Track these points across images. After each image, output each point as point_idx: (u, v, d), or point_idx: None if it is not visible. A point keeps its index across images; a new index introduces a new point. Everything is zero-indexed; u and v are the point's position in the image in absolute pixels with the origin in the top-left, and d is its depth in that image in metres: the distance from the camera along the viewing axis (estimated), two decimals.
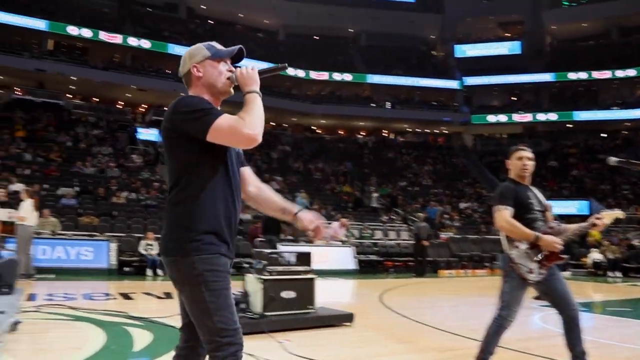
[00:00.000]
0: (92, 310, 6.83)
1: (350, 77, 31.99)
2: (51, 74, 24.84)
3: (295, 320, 5.87)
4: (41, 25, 25.54)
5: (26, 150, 18.99)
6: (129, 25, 28.86)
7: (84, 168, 18.80)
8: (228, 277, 2.13)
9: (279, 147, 27.66)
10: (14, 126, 20.89)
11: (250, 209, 17.91)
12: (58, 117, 23.60)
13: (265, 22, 34.76)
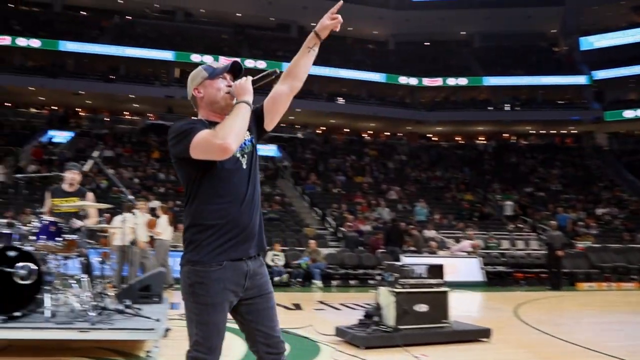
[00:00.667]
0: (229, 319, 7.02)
1: (466, 80, 30.88)
2: (178, 99, 26.72)
3: (429, 335, 5.69)
4: (168, 56, 27.70)
5: (160, 170, 20.51)
6: (246, 49, 30.32)
7: None
8: (221, 293, 2.21)
9: (395, 156, 27.36)
10: (150, 149, 22.69)
11: (369, 220, 17.87)
12: None
13: (375, 33, 34.78)
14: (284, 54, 30.12)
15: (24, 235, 5.05)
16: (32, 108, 28.64)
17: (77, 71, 27.45)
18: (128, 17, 32.24)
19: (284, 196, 20.15)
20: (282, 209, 18.46)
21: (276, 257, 12.79)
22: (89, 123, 27.48)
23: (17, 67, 26.79)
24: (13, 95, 27.07)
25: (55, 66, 27.37)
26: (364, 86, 30.72)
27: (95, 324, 4.58)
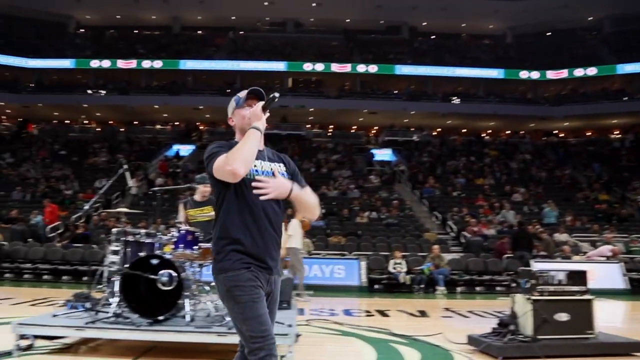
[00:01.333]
0: (355, 325, 6.93)
1: (595, 70, 28.33)
2: (292, 108, 27.37)
3: (572, 346, 5.25)
4: (281, 66, 28.55)
5: None
6: (357, 54, 30.41)
7: (328, 191, 20.02)
8: (255, 290, 2.43)
9: (518, 156, 25.81)
10: None
11: (493, 224, 16.95)
12: (301, 146, 25.85)
13: (490, 27, 33.24)
14: (396, 56, 29.84)
15: (162, 244, 5.30)
16: (158, 125, 30.86)
17: (196, 87, 29.20)
18: (241, 32, 33.73)
19: (402, 201, 19.77)
20: (400, 214, 18.11)
21: (398, 264, 12.49)
22: (209, 136, 29.00)
23: (143, 88, 29.06)
24: (141, 114, 29.41)
25: (176, 84, 29.34)
26: (481, 84, 29.44)
27: (232, 329, 4.65)
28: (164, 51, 30.25)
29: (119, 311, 4.85)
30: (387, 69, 28.46)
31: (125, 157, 24.02)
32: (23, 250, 13.40)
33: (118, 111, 29.00)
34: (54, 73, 29.77)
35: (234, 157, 2.36)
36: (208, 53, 30.26)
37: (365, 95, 28.83)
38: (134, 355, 4.69)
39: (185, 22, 34.04)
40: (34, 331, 4.72)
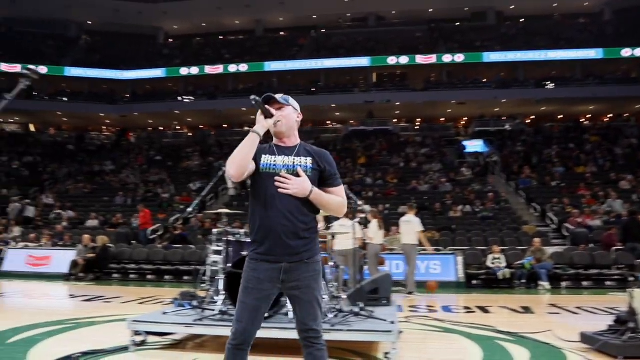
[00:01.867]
0: (456, 322, 6.70)
1: None
2: (378, 103, 27.12)
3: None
4: (365, 62, 28.35)
5: (367, 175, 20.94)
6: (442, 44, 29.59)
7: (419, 186, 19.64)
8: (250, 278, 2.66)
9: (623, 141, 23.94)
10: (355, 155, 23.37)
11: (598, 214, 15.83)
12: (389, 141, 25.55)
13: (585, 5, 31.15)
14: (483, 43, 28.72)
15: None
16: (246, 127, 31.68)
17: (281, 88, 29.65)
18: (323, 31, 33.92)
19: (497, 193, 18.98)
20: (496, 207, 17.39)
21: (496, 259, 11.96)
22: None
23: (231, 92, 29.99)
24: (229, 117, 30.36)
25: (262, 86, 29.99)
26: (578, 66, 27.57)
27: (335, 326, 4.67)
28: (248, 54, 31.07)
29: (225, 309, 4.96)
30: (475, 57, 27.45)
31: (216, 160, 24.94)
32: (128, 252, 14.23)
33: (208, 115, 30.18)
34: (147, 83, 31.51)
35: (229, 161, 2.62)
36: (291, 53, 30.71)
37: (452, 85, 28.01)
38: None
39: (268, 25, 34.79)
40: (146, 328, 4.94)
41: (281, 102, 2.81)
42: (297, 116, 2.87)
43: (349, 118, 29.71)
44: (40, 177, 24.48)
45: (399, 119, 30.23)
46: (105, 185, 23.27)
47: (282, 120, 2.75)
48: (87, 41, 34.66)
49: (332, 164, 2.78)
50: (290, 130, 2.80)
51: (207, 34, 35.51)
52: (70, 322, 6.42)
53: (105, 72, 30.41)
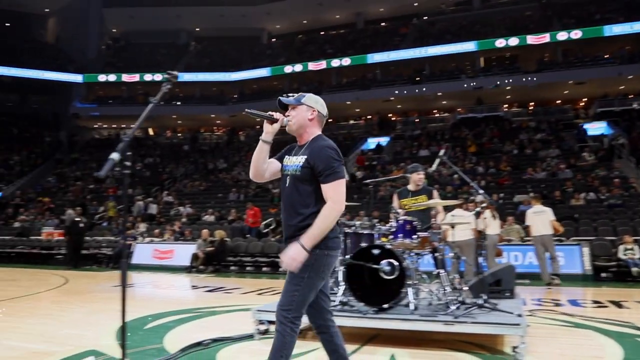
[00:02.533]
0: (588, 317, 6.25)
1: None
2: (487, 89, 26.01)
3: None
4: (471, 46, 27.32)
5: (478, 163, 20.18)
6: (555, 21, 27.73)
7: (535, 173, 18.59)
8: None
9: None
10: (465, 143, 22.62)
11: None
12: (500, 128, 24.44)
13: None
14: (603, 16, 26.47)
15: (381, 234, 5.36)
16: (351, 120, 31.83)
17: (385, 79, 29.43)
18: (425, 18, 33.14)
19: (625, 179, 17.46)
20: (624, 194, 15.99)
21: (629, 250, 10.98)
22: (402, 126, 29.06)
23: (334, 86, 30.23)
24: (333, 111, 30.42)
25: (365, 78, 29.95)
26: None
27: (459, 317, 4.56)
28: (351, 48, 31.18)
29: (345, 299, 5.00)
30: (594, 32, 25.38)
31: None
32: (244, 246, 14.86)
33: None
34: (254, 83, 32.72)
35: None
36: (394, 44, 30.35)
37: (569, 65, 26.13)
38: (355, 342, 4.79)
39: (368, 17, 34.66)
40: (270, 317, 5.10)
41: (292, 103, 2.91)
42: (310, 113, 2.89)
43: (456, 106, 28.82)
44: (160, 177, 26.32)
45: (510, 103, 28.77)
46: (219, 182, 24.50)
47: (292, 120, 2.88)
48: (196, 47, 36.70)
49: (324, 161, 2.74)
50: (301, 129, 2.90)
51: (308, 31, 36.15)
52: (197, 311, 6.82)
53: (215, 75, 32.06)
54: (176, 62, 34.13)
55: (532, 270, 11.06)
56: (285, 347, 2.73)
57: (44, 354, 4.36)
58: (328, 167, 2.72)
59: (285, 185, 2.87)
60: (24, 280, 11.77)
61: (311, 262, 2.71)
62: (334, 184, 2.71)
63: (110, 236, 17.91)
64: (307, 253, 2.65)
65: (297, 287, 2.72)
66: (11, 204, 24.36)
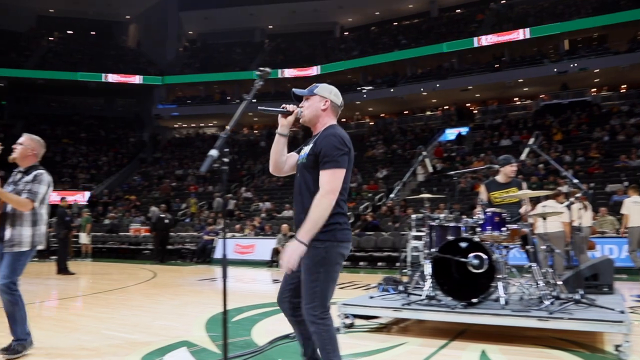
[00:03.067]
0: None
1: None
2: (572, 73, 24.61)
3: None
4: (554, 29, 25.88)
5: (565, 152, 19.17)
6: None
7: (630, 161, 17.38)
8: None
9: None
10: (550, 131, 21.54)
11: None
12: (588, 114, 23.06)
13: None
14: None
15: (470, 227, 5.21)
16: (427, 111, 31.17)
17: (462, 68, 28.55)
18: (503, 2, 31.81)
19: None
20: None
21: None
22: (481, 115, 28.11)
23: (410, 77, 29.70)
24: (410, 102, 30.09)
25: (441, 68, 29.21)
26: None
27: (554, 313, 4.33)
28: (424, 37, 30.53)
29: (432, 294, 4.88)
30: None
31: (400, 147, 24.99)
32: None
33: (388, 103, 30.34)
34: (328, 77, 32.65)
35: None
36: (470, 31, 29.37)
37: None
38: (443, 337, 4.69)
39: (442, 4, 33.83)
40: (355, 311, 5.09)
41: (305, 93, 2.90)
42: (323, 103, 2.86)
43: (539, 92, 27.46)
44: (239, 174, 27.01)
45: (599, 87, 27.02)
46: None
47: (304, 110, 2.87)
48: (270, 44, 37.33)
49: (326, 147, 2.68)
50: (314, 119, 2.87)
51: (381, 22, 35.77)
52: None
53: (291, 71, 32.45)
54: (251, 60, 34.89)
55: (629, 264, 10.36)
56: (328, 342, 2.70)
57: (142, 343, 4.56)
58: (328, 155, 2.66)
59: (297, 176, 2.88)
60: (116, 274, 12.47)
61: (322, 255, 2.67)
62: (330, 172, 2.64)
63: (193, 232, 18.63)
64: (305, 246, 2.59)
65: (316, 282, 2.68)
66: (100, 202, 25.91)
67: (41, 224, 4.16)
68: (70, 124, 34.44)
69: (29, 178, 4.09)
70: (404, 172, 21.57)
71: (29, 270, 13.16)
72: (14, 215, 4.05)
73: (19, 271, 4.03)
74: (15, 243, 4.00)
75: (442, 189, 16.82)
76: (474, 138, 24.39)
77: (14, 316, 4.02)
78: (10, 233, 4.02)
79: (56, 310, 6.91)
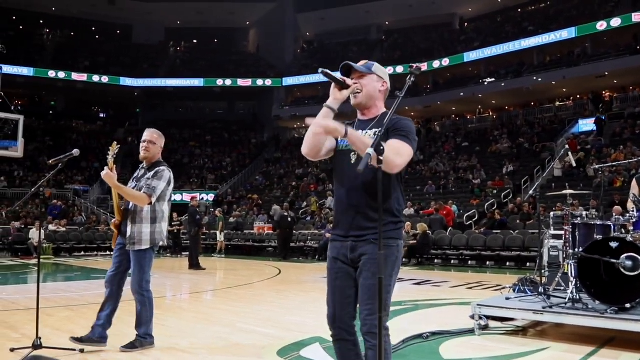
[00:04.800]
0: None
1: None
2: None
3: None
4: None
5: None
6: None
7: None
8: (331, 262, 2.50)
9: None
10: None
11: None
12: None
13: None
14: None
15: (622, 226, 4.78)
16: (557, 101, 29.06)
17: (596, 53, 26.22)
18: None
19: None
20: None
21: None
22: (619, 104, 25.65)
23: (537, 66, 27.88)
24: (537, 93, 28.22)
25: (572, 54, 27.08)
26: None
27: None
28: (554, 22, 28.49)
29: (577, 297, 4.52)
30: None
31: (527, 140, 23.62)
32: (447, 238, 14.59)
33: (513, 95, 28.72)
34: (447, 71, 31.74)
35: (304, 139, 2.50)
36: (606, 11, 26.88)
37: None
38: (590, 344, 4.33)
39: None
40: (491, 312, 4.85)
41: (361, 70, 2.49)
42: (381, 85, 2.54)
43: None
44: None
45: None
46: (417, 174, 24.36)
47: (361, 89, 2.47)
48: (387, 41, 37.06)
49: (400, 125, 2.38)
50: (370, 101, 2.52)
51: (504, 10, 33.98)
52: (410, 303, 6.82)
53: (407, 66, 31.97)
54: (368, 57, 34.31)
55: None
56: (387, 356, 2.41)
57: (276, 338, 4.71)
58: (403, 130, 2.37)
59: (350, 163, 2.44)
60: (243, 270, 13.11)
61: (396, 255, 2.44)
62: (399, 142, 2.32)
63: (314, 230, 19.04)
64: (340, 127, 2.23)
65: (388, 288, 2.39)
66: (225, 201, 27.36)
67: (161, 222, 4.17)
68: (196, 128, 36.94)
69: (151, 174, 4.13)
70: (531, 167, 20.38)
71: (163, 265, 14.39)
72: (134, 212, 4.08)
73: (146, 269, 4.09)
74: (135, 241, 4.05)
75: (577, 184, 15.61)
76: (612, 128, 22.36)
77: (140, 317, 4.12)
78: (130, 230, 4.06)
79: (193, 303, 7.37)
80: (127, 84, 34.71)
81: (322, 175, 27.15)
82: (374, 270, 2.28)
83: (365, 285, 2.35)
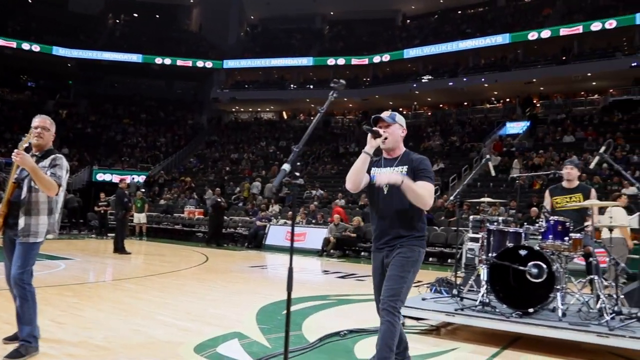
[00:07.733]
0: None
1: None
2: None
3: None
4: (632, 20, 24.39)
5: (632, 151, 18.26)
6: None
7: None
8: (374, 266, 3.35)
9: None
10: (617, 128, 20.53)
11: None
12: None
13: None
14: None
15: (530, 234, 5.08)
16: (487, 104, 30.26)
17: (526, 60, 27.52)
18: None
19: None
20: None
21: None
22: (544, 110, 27.06)
23: (471, 68, 28.91)
24: (470, 94, 29.29)
25: (504, 59, 28.23)
26: None
27: (614, 330, 4.16)
28: (490, 27, 29.60)
29: (486, 300, 4.80)
30: None
31: (458, 139, 24.46)
32: None
33: (448, 94, 29.67)
34: (387, 66, 32.28)
35: (347, 177, 3.27)
36: (538, 21, 28.21)
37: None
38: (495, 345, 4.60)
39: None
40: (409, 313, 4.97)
41: (388, 121, 3.24)
42: (402, 131, 3.29)
43: (607, 87, 26.11)
44: None
45: None
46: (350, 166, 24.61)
47: (388, 137, 3.19)
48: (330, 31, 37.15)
49: (423, 165, 3.17)
50: (395, 144, 3.27)
51: (445, 10, 34.88)
52: (332, 298, 6.94)
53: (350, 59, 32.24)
54: (310, 46, 34.87)
55: None
56: (395, 334, 3.01)
57: (195, 333, 4.67)
58: (424, 170, 3.16)
59: (384, 194, 3.22)
60: (170, 256, 12.81)
61: (416, 258, 3.16)
62: (426, 183, 3.10)
63: (246, 216, 18.90)
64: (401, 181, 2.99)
65: (405, 279, 3.10)
66: (157, 182, 26.68)
67: (56, 212, 3.88)
68: (131, 105, 35.62)
69: (46, 162, 3.78)
70: (460, 166, 21.14)
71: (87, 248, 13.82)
72: (29, 203, 3.72)
73: (32, 262, 3.75)
74: (30, 233, 3.71)
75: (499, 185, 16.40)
76: (535, 133, 23.58)
77: (22, 314, 3.71)
78: (25, 222, 3.69)
79: (114, 291, 7.12)
80: (61, 53, 32.80)
81: (259, 161, 27.00)
82: (395, 263, 3.12)
83: (387, 276, 3.13)
